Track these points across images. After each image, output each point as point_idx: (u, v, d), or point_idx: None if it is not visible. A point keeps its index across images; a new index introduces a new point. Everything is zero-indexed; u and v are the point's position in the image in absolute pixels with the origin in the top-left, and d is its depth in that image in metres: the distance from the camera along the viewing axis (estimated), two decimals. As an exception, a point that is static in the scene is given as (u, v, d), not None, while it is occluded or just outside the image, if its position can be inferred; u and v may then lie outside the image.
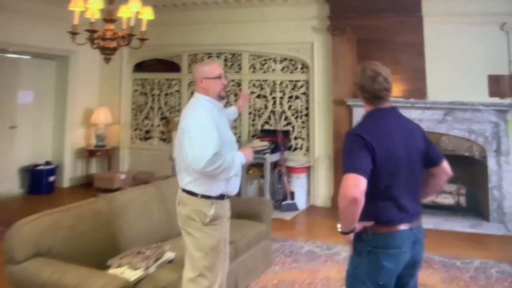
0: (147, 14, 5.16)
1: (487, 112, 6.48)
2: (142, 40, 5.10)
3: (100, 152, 8.56)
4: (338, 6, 7.38)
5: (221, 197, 2.94)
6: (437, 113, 6.61)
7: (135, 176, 8.15)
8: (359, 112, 7.01)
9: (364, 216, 2.20)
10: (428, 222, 6.36)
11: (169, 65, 8.78)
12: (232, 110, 3.69)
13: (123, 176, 7.97)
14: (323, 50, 7.60)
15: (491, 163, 6.46)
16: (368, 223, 2.25)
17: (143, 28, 5.11)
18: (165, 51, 8.70)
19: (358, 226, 2.26)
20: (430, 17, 6.95)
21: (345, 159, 2.27)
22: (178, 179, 2.97)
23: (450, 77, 6.74)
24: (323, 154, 7.47)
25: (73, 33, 4.73)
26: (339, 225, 2.30)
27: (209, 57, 8.40)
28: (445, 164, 2.47)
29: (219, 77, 3.01)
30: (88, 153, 8.54)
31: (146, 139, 8.88)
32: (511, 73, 6.67)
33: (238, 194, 6.30)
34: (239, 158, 2.94)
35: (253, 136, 7.94)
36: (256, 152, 7.05)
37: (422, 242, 2.37)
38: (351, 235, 2.30)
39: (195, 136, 2.75)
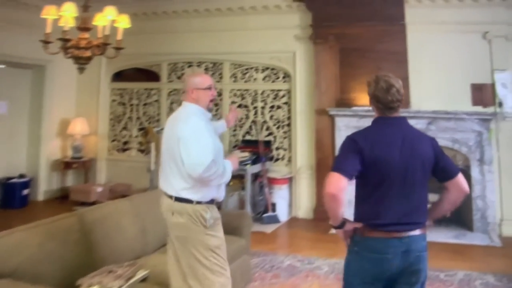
0: (123, 22, 5.01)
1: (471, 121, 6.42)
2: (118, 49, 4.95)
3: (76, 164, 8.31)
4: (320, 15, 7.30)
5: (211, 201, 2.99)
6: (421, 122, 6.51)
7: (112, 189, 7.96)
8: (341, 122, 6.98)
9: (356, 217, 2.44)
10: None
11: (149, 74, 8.60)
12: (221, 124, 3.65)
13: (99, 189, 7.77)
14: (305, 59, 7.50)
15: (475, 172, 6.42)
16: (358, 225, 2.40)
17: (119, 36, 4.95)
18: (145, 60, 8.52)
19: (349, 225, 2.44)
20: (413, 25, 6.91)
21: (336, 158, 2.47)
22: (167, 188, 2.98)
23: (433, 86, 6.68)
24: (305, 165, 7.34)
25: (46, 42, 4.56)
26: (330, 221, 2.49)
27: (189, 66, 8.26)
28: (459, 180, 2.45)
29: (209, 88, 3.08)
30: (64, 165, 8.29)
31: (124, 150, 8.65)
32: (494, 82, 6.62)
33: (219, 207, 6.14)
34: (229, 165, 3.03)
35: (234, 146, 7.78)
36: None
37: (420, 253, 2.36)
38: (344, 231, 2.47)
39: (192, 143, 2.81)
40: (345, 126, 6.95)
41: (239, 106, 7.91)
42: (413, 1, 6.89)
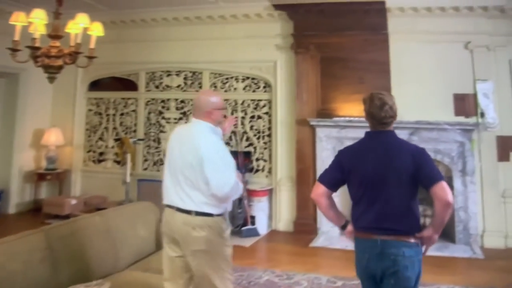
0: (97, 30, 4.82)
1: (453, 131, 6.36)
2: (91, 58, 4.76)
3: (50, 175, 8.04)
4: (302, 24, 7.19)
5: (223, 214, 3.05)
6: (403, 133, 6.40)
7: (87, 201, 7.72)
8: (322, 133, 6.86)
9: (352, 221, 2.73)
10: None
11: (126, 84, 8.39)
12: None
13: (74, 201, 7.53)
14: (287, 69, 7.39)
15: (457, 183, 6.35)
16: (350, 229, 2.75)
17: (92, 45, 4.76)
18: (122, 69, 8.33)
19: (349, 227, 2.75)
20: (396, 35, 6.86)
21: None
22: (182, 203, 2.95)
23: (415, 96, 6.58)
24: (286, 176, 7.18)
25: (14, 50, 4.34)
26: None
27: (168, 76, 8.09)
28: (437, 189, 2.48)
29: (223, 108, 3.21)
30: (38, 177, 8.01)
31: (100, 161, 8.41)
32: (476, 92, 6.56)
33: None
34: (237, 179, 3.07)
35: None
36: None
37: (396, 257, 2.49)
38: (347, 232, 2.77)
39: (218, 164, 2.89)
40: (326, 137, 6.85)
41: (219, 116, 7.70)
42: (396, 11, 6.82)
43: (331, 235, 6.67)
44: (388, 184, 2.57)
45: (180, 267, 3.03)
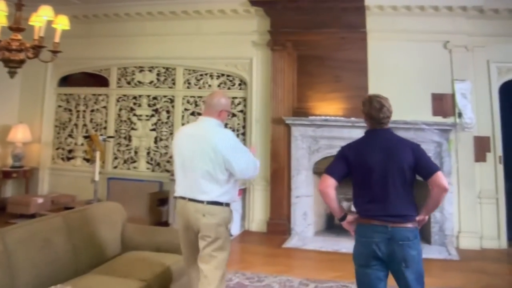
0: (62, 23, 4.56)
1: (430, 131, 6.27)
2: (55, 52, 4.50)
3: (16, 173, 7.71)
4: (279, 21, 7.05)
5: (230, 203, 3.33)
6: (379, 133, 6.28)
7: (55, 200, 7.45)
8: (298, 131, 6.70)
9: (356, 210, 2.99)
10: (368, 248, 6.03)
11: (97, 79, 8.13)
12: None
13: (40, 200, 7.26)
14: (263, 66, 7.23)
15: None
16: (355, 216, 2.99)
17: (57, 39, 4.50)
18: (94, 64, 8.08)
19: (350, 218, 3.01)
20: (374, 33, 6.79)
21: (329, 164, 3.07)
22: (196, 194, 3.19)
23: (393, 95, 6.27)
24: (260, 176, 6.94)
25: (-30, 42, 4.08)
26: None
27: (140, 71, 7.86)
28: (437, 177, 2.84)
29: (229, 111, 3.59)
30: (3, 175, 7.70)
31: (69, 159, 8.11)
32: (454, 92, 6.49)
33: (166, 223, 5.70)
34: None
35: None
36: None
37: (404, 242, 2.78)
38: (346, 222, 3.02)
39: (238, 153, 3.21)
40: (302, 136, 6.71)
41: (192, 113, 7.56)
42: (374, 9, 6.73)
43: (305, 236, 6.54)
44: (393, 176, 2.86)
45: (195, 248, 3.28)
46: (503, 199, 6.39)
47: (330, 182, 2.89)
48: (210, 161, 3.16)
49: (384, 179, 2.86)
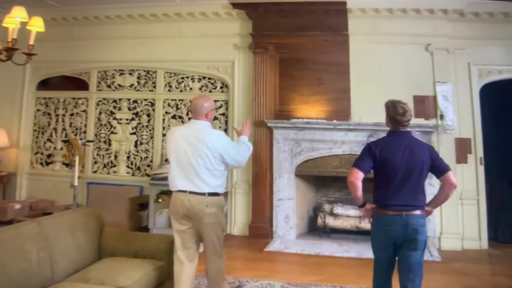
0: (37, 25, 4.47)
1: (412, 133, 6.19)
2: (29, 55, 4.42)
3: (-7, 179, 7.52)
4: (261, 23, 7.01)
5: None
6: (361, 135, 6.30)
7: (33, 206, 7.29)
8: (280, 134, 6.66)
9: (374, 200, 3.43)
10: (351, 250, 6.06)
11: (77, 83, 7.99)
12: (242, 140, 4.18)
13: (17, 206, 7.08)
14: (244, 69, 7.17)
15: None
16: (374, 206, 3.43)
17: (31, 41, 4.42)
18: (73, 68, 7.94)
19: (368, 206, 3.46)
20: (356, 36, 6.79)
21: (356, 158, 3.45)
22: (196, 188, 3.66)
23: (375, 98, 6.37)
24: (242, 179, 6.96)
25: None
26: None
27: (121, 75, 7.76)
28: (449, 176, 3.37)
29: (214, 108, 4.09)
30: (-21, 180, 7.49)
31: (48, 163, 7.95)
32: (436, 94, 6.52)
33: (146, 228, 5.62)
34: (246, 140, 3.98)
35: (166, 160, 7.24)
36: (167, 178, 6.37)
37: (416, 227, 3.26)
38: (365, 209, 3.49)
39: (231, 146, 3.75)
40: (284, 139, 6.67)
41: (173, 117, 7.46)
42: (357, 11, 6.74)
43: (287, 239, 6.50)
44: (413, 173, 3.30)
45: (188, 237, 3.76)
46: (484, 200, 6.43)
47: (360, 175, 3.32)
48: (207, 158, 3.63)
49: (404, 175, 3.29)
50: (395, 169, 3.31)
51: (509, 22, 6.53)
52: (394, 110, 3.45)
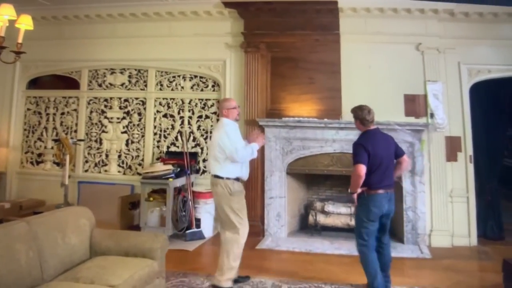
0: (26, 23, 4.43)
1: (403, 131, 6.30)
2: (18, 53, 4.37)
3: (-18, 178, 7.47)
4: (252, 22, 7.02)
5: (237, 179, 4.63)
6: (352, 133, 6.30)
7: (23, 205, 7.25)
8: (271, 133, 6.67)
9: (363, 185, 4.24)
10: (342, 247, 6.09)
11: (68, 82, 7.94)
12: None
13: (7, 206, 7.07)
14: (236, 68, 7.17)
15: (406, 183, 6.33)
16: (363, 189, 4.27)
17: (20, 39, 4.38)
18: (64, 67, 7.90)
19: (359, 190, 4.28)
20: (347, 35, 6.82)
21: (355, 156, 4.28)
22: (211, 171, 4.67)
23: (366, 96, 6.39)
24: (234, 177, 6.90)
25: None
26: (349, 189, 4.40)
27: (112, 74, 7.73)
28: (405, 157, 4.60)
29: (235, 108, 4.73)
30: (-31, 180, 7.44)
31: (38, 163, 7.90)
32: (426, 93, 6.56)
33: (138, 226, 5.59)
34: (255, 146, 4.66)
35: (157, 158, 7.24)
36: (158, 177, 6.41)
37: (393, 200, 4.39)
38: (355, 195, 4.32)
39: (227, 141, 4.45)
40: (275, 137, 6.68)
41: (165, 115, 7.45)
42: (348, 11, 6.76)
43: (278, 237, 6.52)
44: (390, 160, 4.40)
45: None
46: (473, 197, 6.49)
47: (365, 169, 4.16)
48: (217, 147, 4.49)
49: (386, 162, 4.31)
50: (381, 158, 4.28)
51: (499, 22, 6.60)
52: (361, 113, 4.41)
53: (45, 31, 7.55)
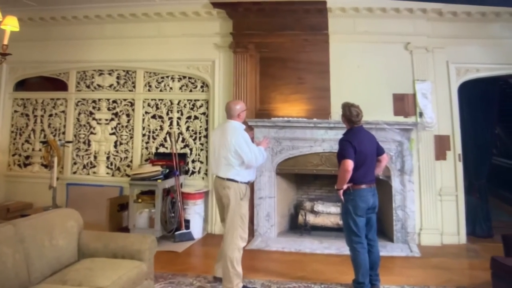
0: (11, 24, 4.39)
1: (392, 131, 6.32)
2: (4, 55, 4.34)
3: (-32, 181, 7.37)
4: (241, 23, 7.01)
5: (247, 182, 4.65)
6: (341, 133, 6.14)
7: (11, 208, 7.15)
8: (260, 133, 6.62)
9: (348, 181, 4.35)
10: (331, 246, 6.09)
11: (56, 83, 7.85)
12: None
13: (-6, 209, 6.92)
14: (225, 68, 7.15)
15: (395, 182, 6.35)
16: (349, 185, 4.37)
17: (5, 41, 4.35)
18: (52, 68, 7.81)
19: (345, 186, 4.38)
20: (336, 35, 6.83)
21: (342, 152, 4.38)
22: (221, 173, 4.56)
23: (355, 96, 6.36)
24: (222, 178, 6.87)
25: None
26: (336, 186, 4.50)
27: (100, 75, 7.67)
28: (385, 155, 4.77)
29: (245, 110, 4.84)
30: (-45, 183, 7.34)
31: (26, 165, 7.81)
32: (415, 92, 6.59)
33: (127, 228, 5.52)
34: (263, 150, 4.77)
35: (146, 160, 7.19)
36: (147, 178, 6.37)
37: (376, 194, 4.52)
38: (341, 191, 4.40)
39: (246, 148, 4.45)
40: (264, 137, 6.60)
41: (153, 116, 7.40)
42: (337, 11, 6.78)
43: (268, 237, 6.50)
44: (373, 156, 4.54)
45: (221, 211, 4.76)
46: (462, 196, 6.53)
47: (352, 165, 4.28)
48: (229, 152, 4.45)
49: (370, 158, 4.47)
50: (365, 155, 4.43)
51: (486, 22, 6.64)
52: (349, 114, 4.54)
53: (32, 32, 7.48)
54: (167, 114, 7.35)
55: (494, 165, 8.45)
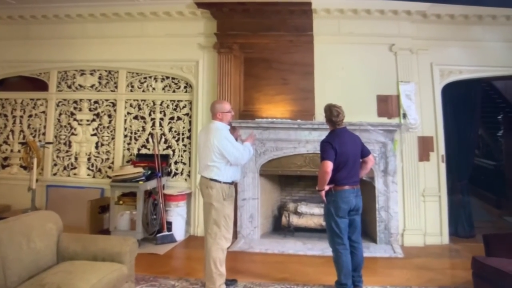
0: None
1: (375, 132, 6.33)
2: None
3: None
4: (225, 23, 6.97)
5: (232, 183, 4.63)
6: (325, 134, 6.15)
7: (-13, 211, 6.96)
8: (244, 134, 6.51)
9: (330, 182, 4.35)
10: (314, 248, 6.07)
11: (36, 83, 7.71)
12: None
13: (-29, 211, 6.76)
14: (209, 69, 7.09)
15: (379, 183, 6.35)
16: (331, 186, 4.37)
17: None
18: (32, 68, 7.67)
19: (327, 187, 4.37)
20: (321, 36, 6.82)
21: (323, 153, 4.36)
22: (205, 173, 4.54)
23: (339, 97, 6.33)
24: (205, 179, 6.81)
25: None
26: (317, 187, 4.47)
27: (81, 75, 7.56)
28: (371, 156, 4.69)
29: (229, 111, 4.69)
30: None
31: (4, 166, 7.66)
32: (399, 94, 6.60)
33: (107, 230, 5.43)
34: (249, 145, 4.77)
35: (128, 161, 7.10)
36: (128, 180, 6.27)
37: (360, 196, 4.49)
38: (323, 192, 4.38)
39: (230, 147, 4.45)
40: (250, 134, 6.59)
41: (135, 117, 7.31)
42: (321, 12, 6.77)
43: (251, 238, 6.45)
44: (356, 157, 4.50)
45: (205, 209, 4.69)
46: (445, 196, 6.56)
47: (331, 166, 4.26)
48: (212, 152, 4.44)
49: (352, 160, 4.42)
50: (347, 156, 4.40)
51: (469, 24, 6.69)
52: (330, 114, 4.50)
53: (11, 31, 7.38)
54: (150, 114, 7.27)
55: (476, 166, 8.53)
